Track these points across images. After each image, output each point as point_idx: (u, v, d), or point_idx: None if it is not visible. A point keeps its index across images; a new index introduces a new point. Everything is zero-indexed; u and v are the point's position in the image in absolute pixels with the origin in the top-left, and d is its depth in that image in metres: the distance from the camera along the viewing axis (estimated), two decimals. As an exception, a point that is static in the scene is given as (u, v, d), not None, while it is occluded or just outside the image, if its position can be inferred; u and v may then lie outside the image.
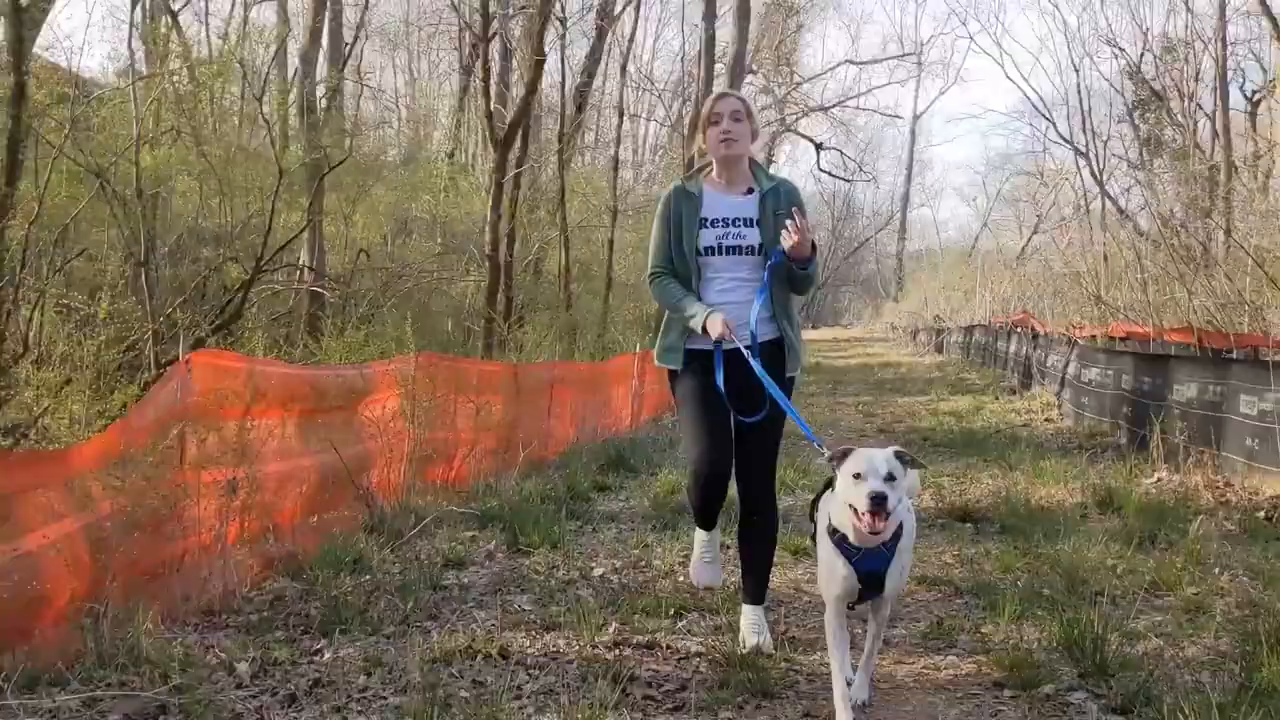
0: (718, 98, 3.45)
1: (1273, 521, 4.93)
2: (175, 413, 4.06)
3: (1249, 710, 2.47)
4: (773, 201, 3.31)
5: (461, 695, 2.80)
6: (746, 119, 3.38)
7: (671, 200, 3.40)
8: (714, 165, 3.44)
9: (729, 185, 3.39)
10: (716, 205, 3.35)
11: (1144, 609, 3.53)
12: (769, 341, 3.26)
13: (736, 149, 3.34)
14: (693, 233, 3.30)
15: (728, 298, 3.27)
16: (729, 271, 3.30)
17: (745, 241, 3.30)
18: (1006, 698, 2.77)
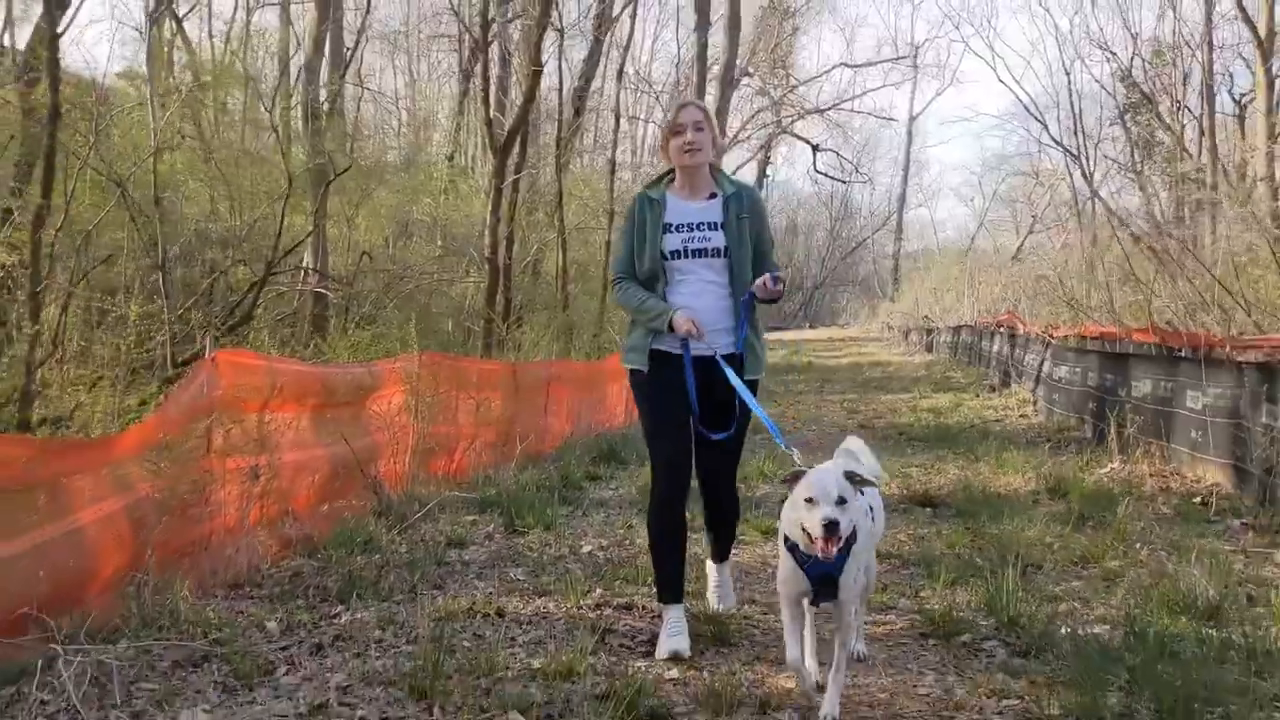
0: (680, 108, 3.54)
1: (1207, 506, 5.39)
2: (203, 406, 4.51)
3: (1131, 655, 2.93)
4: (735, 205, 3.43)
5: (464, 645, 3.26)
6: (708, 127, 3.48)
7: (636, 207, 3.51)
8: (677, 173, 3.53)
9: (692, 191, 3.49)
10: (681, 211, 3.45)
11: (1067, 577, 4.00)
12: (730, 355, 3.36)
13: (699, 158, 3.44)
14: (658, 237, 3.40)
15: (696, 301, 3.35)
16: (696, 274, 3.40)
17: (711, 244, 3.39)
18: (930, 645, 3.25)
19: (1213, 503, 5.41)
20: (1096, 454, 7.17)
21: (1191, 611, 3.34)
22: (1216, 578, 3.66)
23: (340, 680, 2.98)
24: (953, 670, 3.03)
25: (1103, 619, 3.43)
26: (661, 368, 3.37)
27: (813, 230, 56.47)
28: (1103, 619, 3.43)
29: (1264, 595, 3.53)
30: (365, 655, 3.19)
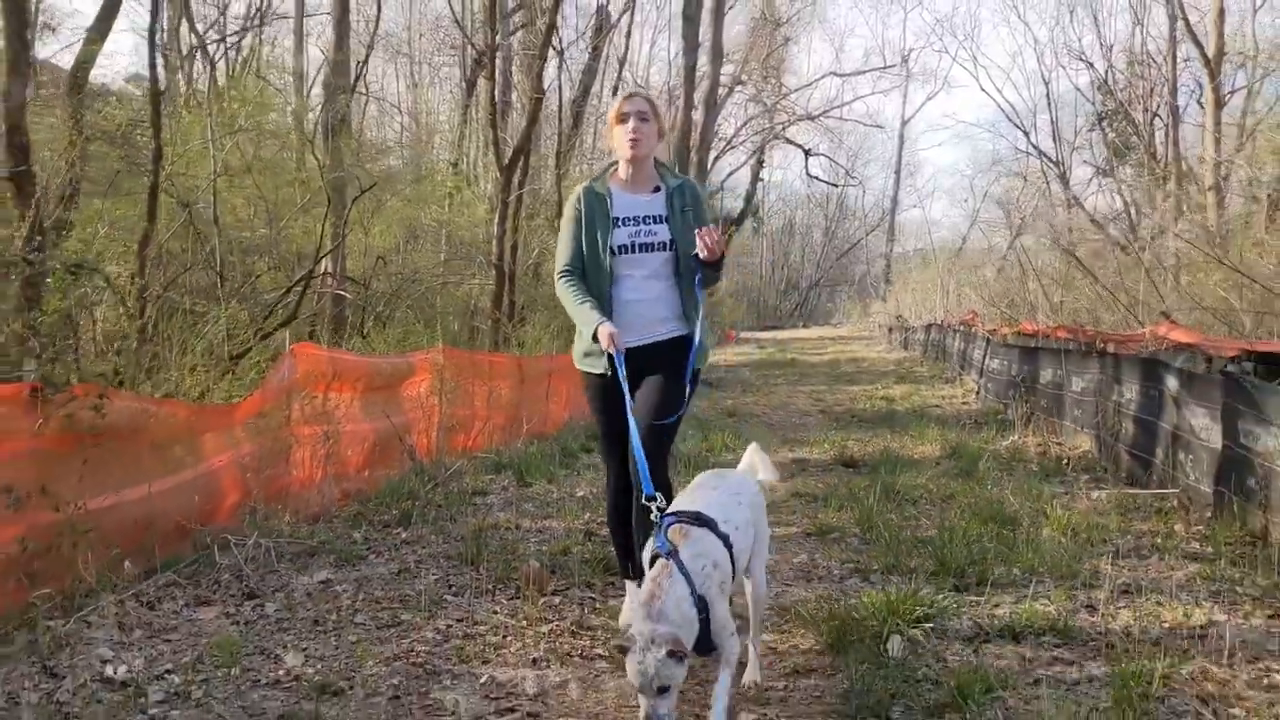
0: (626, 98, 3.53)
1: (1066, 465, 6.95)
2: (285, 387, 6.07)
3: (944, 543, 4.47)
4: (679, 199, 3.47)
5: (492, 544, 4.80)
6: (653, 118, 3.49)
7: (582, 201, 3.48)
8: (620, 164, 3.53)
9: (636, 184, 3.51)
10: (627, 204, 3.46)
11: (930, 508, 5.55)
12: (678, 337, 3.43)
13: (643, 149, 3.44)
14: (606, 232, 3.40)
15: (641, 294, 3.43)
16: (641, 268, 3.43)
17: (657, 238, 3.42)
18: (810, 539, 4.82)
19: (1071, 462, 6.96)
20: (1006, 430, 8.72)
21: (996, 521, 4.90)
22: (1026, 504, 5.22)
23: (414, 558, 4.55)
24: (819, 551, 4.60)
25: (935, 525, 4.99)
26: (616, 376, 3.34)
27: (809, 231, 58.08)
28: (935, 525, 4.99)
29: (1054, 514, 5.08)
30: (426, 549, 4.76)
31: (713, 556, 2.66)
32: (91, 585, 3.85)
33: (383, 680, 3.11)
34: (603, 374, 3.41)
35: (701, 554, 2.63)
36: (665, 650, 2.32)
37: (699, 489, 3.06)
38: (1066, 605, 3.66)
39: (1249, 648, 3.19)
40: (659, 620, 2.40)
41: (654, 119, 3.50)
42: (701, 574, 2.57)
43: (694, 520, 2.74)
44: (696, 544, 2.66)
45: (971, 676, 2.86)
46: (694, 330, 3.41)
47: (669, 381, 3.36)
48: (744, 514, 2.93)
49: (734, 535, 2.78)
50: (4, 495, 3.70)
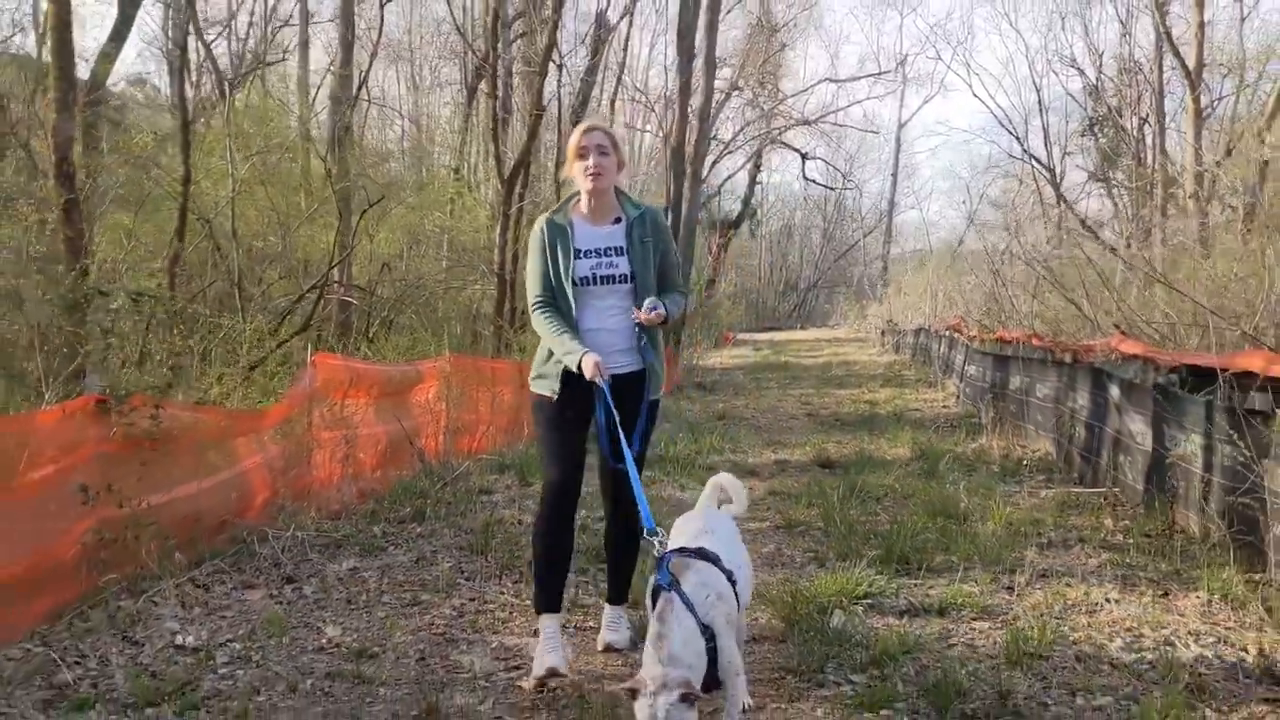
0: (584, 131, 3.54)
1: (1025, 467, 7.59)
2: (308, 394, 6.71)
3: (894, 535, 5.10)
4: (639, 229, 3.51)
5: (499, 537, 5.44)
6: (613, 151, 3.52)
7: (545, 233, 3.53)
8: (582, 196, 3.56)
9: (597, 216, 3.55)
10: (588, 236, 3.51)
11: (891, 505, 6.19)
12: (634, 372, 3.49)
13: (603, 182, 3.48)
14: (569, 264, 3.46)
15: (604, 323, 3.50)
16: (603, 300, 3.50)
17: (617, 270, 3.47)
18: (779, 532, 5.47)
19: (1030, 463, 7.60)
20: (976, 433, 9.36)
21: (945, 516, 5.54)
22: (976, 501, 5.86)
23: (430, 549, 5.20)
24: (786, 543, 5.25)
25: (890, 520, 5.63)
26: (569, 390, 3.45)
27: (808, 233, 58.72)
28: (890, 520, 5.63)
29: (998, 510, 5.71)
30: (440, 539, 5.40)
31: (716, 588, 2.67)
32: (153, 571, 4.49)
33: (410, 646, 3.76)
34: (551, 396, 3.47)
35: (705, 584, 2.65)
36: (678, 694, 2.29)
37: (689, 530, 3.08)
38: (990, 587, 4.31)
39: (1131, 619, 3.83)
40: (670, 663, 2.38)
41: (613, 151, 3.52)
42: (705, 604, 2.58)
43: (697, 554, 2.77)
44: (699, 574, 2.68)
45: (894, 642, 3.51)
46: (649, 363, 3.50)
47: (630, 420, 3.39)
48: (742, 555, 3.02)
49: (736, 573, 2.82)
50: (81, 494, 4.34)
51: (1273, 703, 3.06)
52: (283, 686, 3.39)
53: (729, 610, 2.69)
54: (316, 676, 3.48)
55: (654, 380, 3.54)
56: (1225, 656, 3.45)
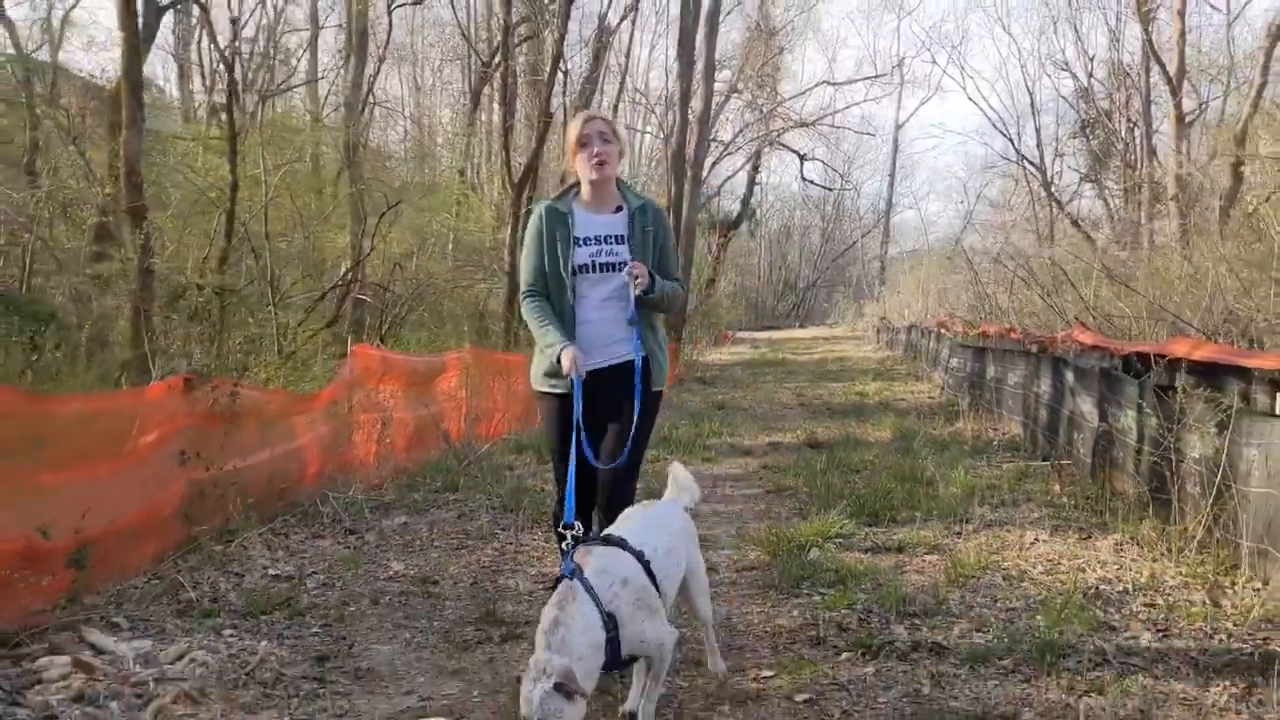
0: (586, 120, 3.56)
1: (994, 445, 8.45)
2: (349, 381, 7.57)
3: (866, 494, 5.96)
4: (641, 219, 3.54)
5: (528, 498, 6.29)
6: (614, 139, 3.54)
7: (543, 220, 3.54)
8: (583, 185, 3.59)
9: (599, 204, 3.57)
10: (589, 224, 3.53)
11: (868, 475, 7.06)
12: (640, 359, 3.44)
13: (606, 171, 3.50)
14: (568, 252, 3.47)
15: (603, 313, 3.49)
16: (602, 288, 3.50)
17: (618, 259, 3.48)
18: (770, 497, 6.34)
19: (1000, 443, 8.48)
20: (955, 418, 10.24)
21: (913, 481, 6.41)
22: (942, 470, 6.74)
23: (468, 509, 6.07)
24: (775, 502, 6.13)
25: (864, 485, 6.50)
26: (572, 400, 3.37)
27: (807, 232, 59.63)
28: (864, 485, 6.50)
29: (959, 477, 6.58)
30: (475, 502, 6.28)
31: (620, 573, 2.62)
32: (239, 523, 5.36)
33: (463, 575, 4.64)
34: (564, 394, 3.42)
35: (606, 570, 2.60)
36: (552, 683, 2.25)
37: (620, 522, 3.05)
38: (942, 533, 5.18)
39: (1054, 554, 4.71)
40: (560, 650, 2.35)
41: (615, 139, 3.55)
42: (608, 590, 2.54)
43: (601, 541, 2.75)
44: (601, 560, 2.63)
45: (857, 568, 4.39)
46: (651, 351, 3.50)
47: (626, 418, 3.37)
48: (664, 540, 2.90)
49: (650, 554, 2.75)
50: (179, 458, 5.21)
51: (1149, 606, 3.94)
52: (365, 601, 4.27)
53: (638, 594, 2.62)
54: (392, 594, 4.36)
55: (656, 370, 3.54)
56: (1123, 578, 4.33)
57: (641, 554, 2.73)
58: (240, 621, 3.98)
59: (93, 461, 4.53)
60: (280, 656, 3.55)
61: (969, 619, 3.82)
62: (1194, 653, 3.40)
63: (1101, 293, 11.62)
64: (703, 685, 3.23)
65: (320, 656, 3.58)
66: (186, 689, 3.16)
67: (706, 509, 6.05)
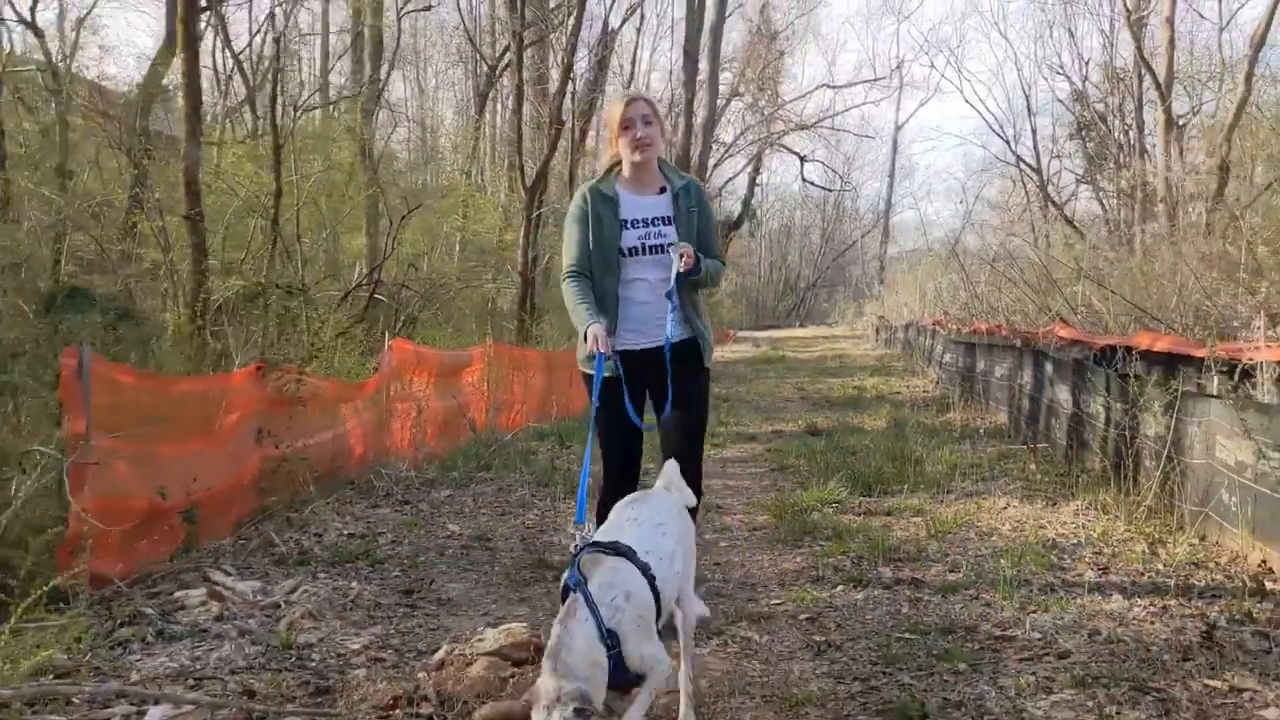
0: (627, 103, 3.55)
1: (982, 432, 9.24)
2: (386, 374, 8.35)
3: (861, 470, 6.74)
4: (685, 199, 3.57)
5: (560, 476, 7.07)
6: (656, 119, 3.56)
7: (588, 202, 3.56)
8: (625, 166, 3.60)
9: (643, 186, 3.59)
10: (635, 206, 3.55)
11: (863, 455, 7.83)
12: (684, 340, 3.55)
13: (650, 153, 3.53)
14: (615, 234, 3.51)
15: (649, 296, 3.55)
16: (651, 271, 3.55)
17: (665, 240, 3.53)
18: (772, 471, 7.12)
19: (986, 430, 9.26)
20: (946, 409, 11.02)
21: (903, 459, 7.19)
22: (930, 452, 7.52)
23: (505, 484, 6.86)
24: (780, 478, 6.92)
25: (860, 464, 7.28)
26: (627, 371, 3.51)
27: (807, 232, 60.43)
28: (860, 464, 7.28)
29: (945, 457, 7.35)
30: (511, 478, 7.06)
31: (625, 587, 2.60)
32: (308, 494, 6.13)
33: (512, 534, 5.42)
34: (609, 375, 3.45)
35: (611, 584, 2.58)
36: (572, 709, 2.27)
37: (619, 520, 2.97)
38: (927, 500, 5.97)
39: (1022, 516, 5.50)
40: (565, 676, 2.35)
41: (656, 120, 3.58)
42: (611, 606, 2.52)
43: (610, 550, 2.69)
44: (607, 574, 2.61)
45: (850, 526, 5.18)
46: (699, 330, 3.61)
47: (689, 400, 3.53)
48: (668, 544, 2.87)
49: (655, 565, 2.71)
50: (256, 436, 5.98)
51: (1097, 554, 4.72)
52: (432, 553, 5.05)
53: (641, 611, 2.60)
54: (454, 548, 5.14)
55: (705, 347, 3.63)
56: (1078, 534, 5.11)
57: (648, 567, 2.68)
58: (330, 568, 4.75)
59: (193, 436, 5.30)
60: (372, 591, 4.33)
61: (944, 563, 4.61)
62: (1126, 584, 4.18)
63: (1085, 291, 12.40)
64: (724, 608, 4.00)
65: (406, 590, 4.37)
66: (308, 608, 3.94)
67: (718, 484, 6.83)
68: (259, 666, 3.37)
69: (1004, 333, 10.31)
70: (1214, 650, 3.37)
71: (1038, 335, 9.54)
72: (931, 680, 3.21)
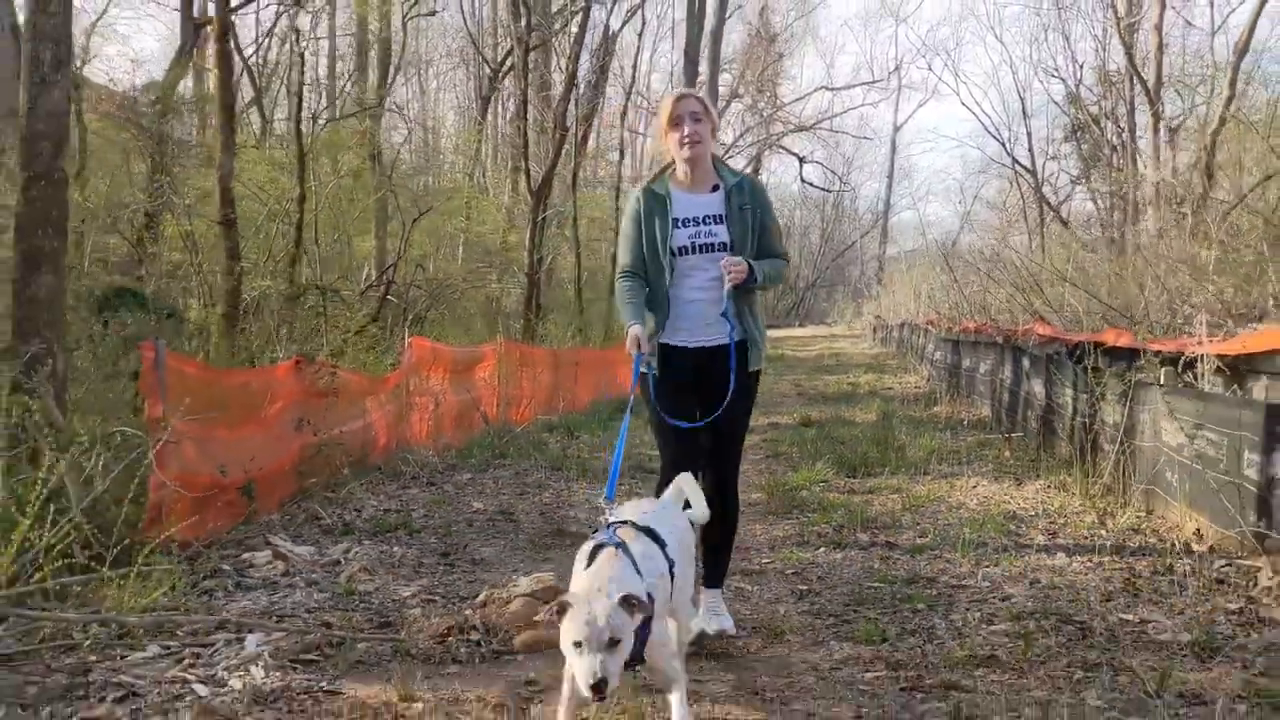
0: (677, 99, 3.58)
1: (965, 424, 9.90)
2: (407, 369, 9.00)
3: (847, 454, 7.40)
4: (738, 197, 3.55)
5: (571, 461, 7.73)
6: (706, 116, 3.54)
7: (642, 202, 3.59)
8: (677, 165, 3.60)
9: (695, 184, 3.59)
10: (687, 205, 3.55)
11: (856, 444, 8.49)
12: (736, 343, 3.53)
13: (699, 150, 3.51)
14: (667, 233, 3.51)
15: (700, 295, 3.55)
16: (703, 270, 3.53)
17: (717, 239, 3.52)
18: (769, 460, 7.80)
19: (969, 422, 9.92)
20: (934, 403, 11.69)
21: (886, 445, 7.85)
22: (912, 440, 8.19)
23: (521, 469, 7.52)
24: (774, 462, 7.59)
25: (848, 450, 7.94)
26: (665, 365, 3.59)
27: (807, 232, 61.09)
28: (848, 450, 7.94)
29: (925, 443, 8.01)
30: (526, 464, 7.72)
31: (659, 567, 2.64)
32: (343, 477, 6.79)
33: (532, 509, 6.08)
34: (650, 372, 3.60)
35: (650, 556, 2.62)
36: (619, 597, 2.27)
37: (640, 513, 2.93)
38: (906, 481, 6.63)
39: (989, 493, 6.16)
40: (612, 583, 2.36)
41: (706, 117, 3.56)
42: (651, 574, 2.53)
43: (647, 533, 2.73)
44: (648, 547, 2.65)
45: (835, 501, 5.84)
46: (749, 334, 3.61)
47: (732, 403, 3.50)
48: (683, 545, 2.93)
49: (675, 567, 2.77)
50: (297, 423, 6.64)
51: (1051, 523, 5.38)
52: (462, 524, 5.72)
53: (665, 591, 2.63)
54: (481, 521, 5.81)
55: (754, 350, 3.64)
56: (1037, 508, 5.78)
57: (671, 562, 2.73)
58: (372, 537, 5.41)
59: (244, 422, 5.96)
60: (413, 554, 5.00)
61: (914, 530, 5.28)
62: (1071, 546, 4.85)
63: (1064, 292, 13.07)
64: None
65: (443, 553, 5.03)
66: (362, 565, 4.60)
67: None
68: (329, 607, 4.03)
69: (988, 331, 10.97)
70: (1132, 594, 4.03)
71: (1018, 333, 10.22)
72: (894, 616, 3.87)
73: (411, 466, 7.48)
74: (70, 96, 5.80)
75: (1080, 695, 3.01)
